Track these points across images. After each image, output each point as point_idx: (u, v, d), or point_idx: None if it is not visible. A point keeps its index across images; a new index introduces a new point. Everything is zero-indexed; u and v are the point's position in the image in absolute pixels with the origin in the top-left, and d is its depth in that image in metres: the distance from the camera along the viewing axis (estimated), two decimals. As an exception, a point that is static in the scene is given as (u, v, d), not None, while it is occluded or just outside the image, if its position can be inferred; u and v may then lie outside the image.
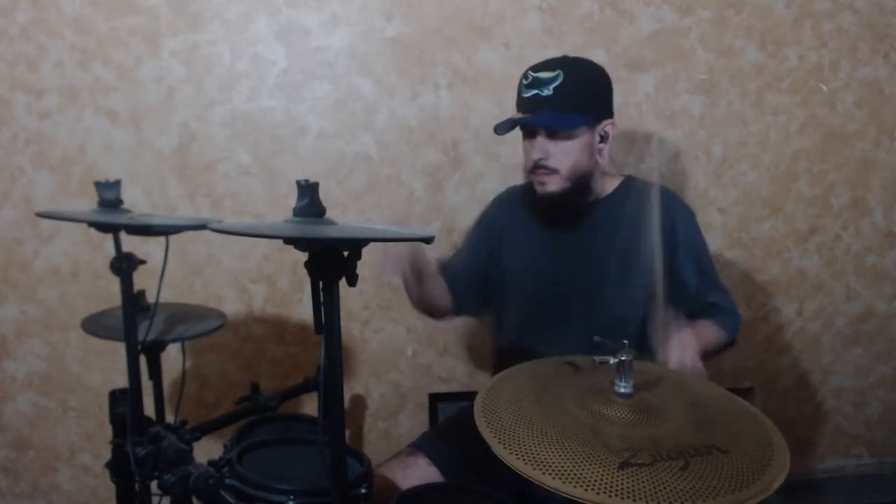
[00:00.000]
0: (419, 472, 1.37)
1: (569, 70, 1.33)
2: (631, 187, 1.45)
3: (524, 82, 1.36)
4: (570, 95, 1.31)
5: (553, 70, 1.33)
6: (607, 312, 1.41)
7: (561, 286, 1.46)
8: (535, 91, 1.33)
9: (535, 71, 1.35)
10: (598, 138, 1.37)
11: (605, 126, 1.38)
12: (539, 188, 1.39)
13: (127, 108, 1.73)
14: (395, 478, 1.36)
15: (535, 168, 1.37)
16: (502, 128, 1.37)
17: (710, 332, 1.33)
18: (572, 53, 1.74)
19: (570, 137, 1.34)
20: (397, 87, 1.82)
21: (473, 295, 1.60)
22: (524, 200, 1.53)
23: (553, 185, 1.37)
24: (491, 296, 1.59)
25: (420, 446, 1.45)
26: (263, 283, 1.86)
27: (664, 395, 0.96)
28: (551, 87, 1.31)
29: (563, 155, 1.35)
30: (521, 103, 1.37)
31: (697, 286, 1.40)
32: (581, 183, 1.38)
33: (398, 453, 1.46)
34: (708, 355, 1.26)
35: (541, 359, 1.12)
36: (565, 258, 1.46)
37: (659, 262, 1.36)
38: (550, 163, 1.35)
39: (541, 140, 1.35)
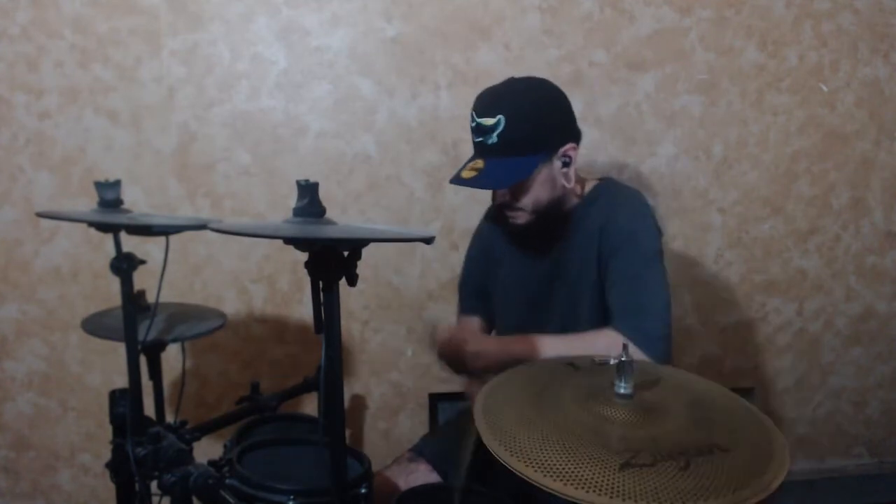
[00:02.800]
0: (422, 479, 1.37)
1: (512, 111, 1.23)
2: (597, 193, 1.38)
3: (471, 124, 1.28)
4: (515, 140, 1.24)
5: (494, 115, 1.24)
6: (582, 323, 1.35)
7: (535, 299, 1.43)
8: (481, 138, 1.26)
9: (478, 114, 1.26)
10: (559, 165, 1.29)
11: (566, 151, 1.29)
12: (510, 221, 1.35)
13: (127, 108, 1.73)
14: (399, 483, 1.35)
15: (499, 207, 1.34)
16: (455, 182, 1.30)
17: (590, 339, 1.25)
18: (572, 53, 1.74)
19: (527, 178, 1.27)
20: (397, 87, 1.82)
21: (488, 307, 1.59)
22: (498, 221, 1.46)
23: (521, 219, 1.33)
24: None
25: (421, 452, 1.44)
26: (263, 283, 1.86)
27: (664, 394, 0.96)
28: (495, 134, 1.24)
29: (523, 195, 1.29)
30: (474, 146, 1.31)
31: (616, 303, 1.26)
32: (549, 210, 1.32)
33: (399, 458, 1.45)
34: None
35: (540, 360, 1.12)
36: (535, 270, 1.42)
37: (601, 269, 1.31)
38: (515, 203, 1.31)
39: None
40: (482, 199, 1.74)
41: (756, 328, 2.12)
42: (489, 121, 1.24)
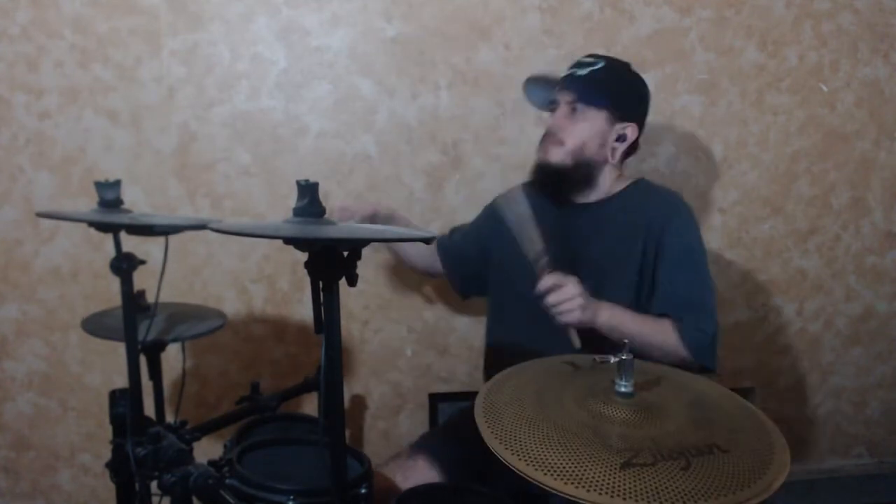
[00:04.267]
0: (420, 475, 1.37)
1: (611, 65, 1.42)
2: (636, 191, 1.45)
3: (569, 67, 1.45)
4: (601, 82, 1.40)
5: (597, 59, 1.42)
6: None
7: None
8: (573, 70, 1.43)
9: (585, 57, 1.45)
10: (615, 135, 1.41)
11: (626, 127, 1.41)
12: (540, 155, 1.45)
13: (127, 108, 1.73)
14: (396, 479, 1.36)
15: (545, 137, 1.44)
16: (534, 93, 1.49)
17: (654, 321, 1.31)
18: (572, 53, 1.75)
19: (585, 116, 1.40)
20: (397, 87, 1.82)
21: (462, 269, 1.66)
22: (529, 193, 1.52)
23: (554, 155, 1.41)
24: (488, 284, 1.60)
25: (421, 448, 1.45)
26: (263, 283, 1.86)
27: (664, 394, 0.96)
28: (588, 69, 1.40)
29: (575, 130, 1.40)
30: (561, 81, 1.45)
31: (670, 300, 1.34)
32: (583, 168, 1.40)
33: (398, 454, 1.46)
34: (644, 347, 1.25)
35: (540, 358, 1.12)
36: (560, 253, 1.44)
37: (643, 269, 1.36)
38: (560, 134, 1.41)
39: (559, 114, 1.43)
40: (483, 199, 1.74)
41: (756, 328, 2.12)
42: (590, 59, 1.43)
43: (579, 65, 1.43)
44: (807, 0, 1.94)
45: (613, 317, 1.27)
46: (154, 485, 1.11)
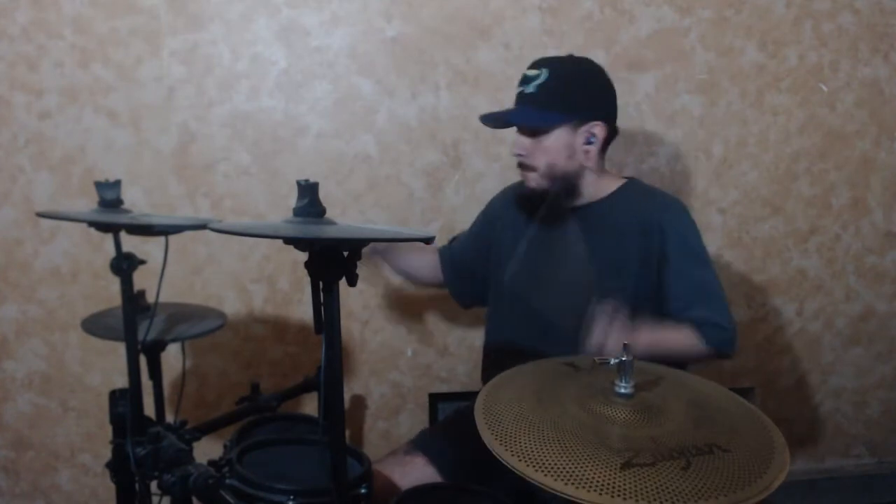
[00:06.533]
0: (417, 472, 1.37)
1: (556, 69, 1.33)
2: (628, 191, 1.43)
3: (518, 83, 1.38)
4: (550, 94, 1.32)
5: (540, 68, 1.33)
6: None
7: (546, 285, 1.44)
8: (521, 87, 1.35)
9: (528, 67, 1.37)
10: (582, 139, 1.35)
11: (592, 128, 1.35)
12: (526, 183, 1.41)
13: (127, 108, 1.73)
14: (393, 476, 1.35)
15: (518, 164, 1.40)
16: (486, 120, 1.41)
17: (678, 333, 1.28)
18: (572, 53, 1.75)
19: (546, 136, 1.33)
20: (397, 87, 1.82)
21: (463, 276, 1.64)
22: (521, 195, 1.53)
23: (532, 181, 1.38)
24: (486, 288, 1.60)
25: (419, 445, 1.45)
26: (263, 283, 1.86)
27: (664, 394, 0.96)
28: (534, 84, 1.32)
29: (540, 153, 1.35)
30: (515, 97, 1.38)
31: (683, 299, 1.33)
32: (562, 183, 1.37)
33: (395, 451, 1.46)
34: (672, 358, 1.23)
35: (540, 359, 1.12)
36: (552, 257, 1.44)
37: (641, 269, 1.35)
38: (528, 160, 1.37)
39: (520, 136, 1.37)
40: (482, 199, 1.74)
41: (756, 328, 2.12)
42: (534, 72, 1.34)
43: (525, 80, 1.35)
44: (807, 0, 1.94)
45: (650, 343, 1.21)
46: (154, 485, 1.11)
